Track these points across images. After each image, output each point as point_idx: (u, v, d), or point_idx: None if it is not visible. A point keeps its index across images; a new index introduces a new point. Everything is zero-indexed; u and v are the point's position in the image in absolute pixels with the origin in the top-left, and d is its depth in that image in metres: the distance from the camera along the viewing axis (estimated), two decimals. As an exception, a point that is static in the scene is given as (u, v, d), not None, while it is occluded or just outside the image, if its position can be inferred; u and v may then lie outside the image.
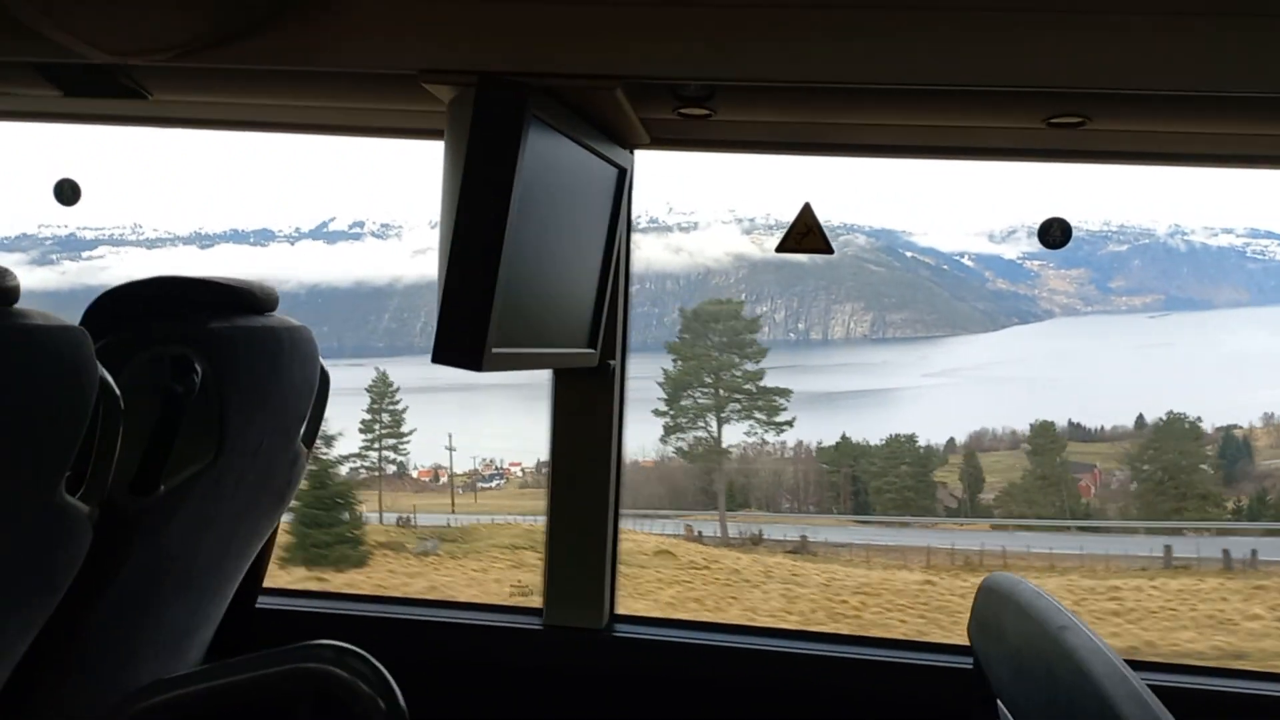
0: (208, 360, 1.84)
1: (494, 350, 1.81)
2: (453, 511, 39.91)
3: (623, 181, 2.36)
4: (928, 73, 1.70)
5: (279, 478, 2.22)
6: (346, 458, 40.73)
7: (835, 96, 1.96)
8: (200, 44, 1.80)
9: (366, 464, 41.62)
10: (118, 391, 1.72)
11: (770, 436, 42.78)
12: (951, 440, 53.55)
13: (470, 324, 1.77)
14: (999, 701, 1.71)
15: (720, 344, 40.11)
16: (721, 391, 39.40)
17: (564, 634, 2.80)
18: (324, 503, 22.95)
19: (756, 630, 2.99)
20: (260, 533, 2.44)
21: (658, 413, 40.64)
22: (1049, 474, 40.35)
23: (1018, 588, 1.75)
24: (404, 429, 43.44)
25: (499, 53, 1.76)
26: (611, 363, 2.67)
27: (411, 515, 35.07)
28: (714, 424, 40.21)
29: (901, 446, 43.31)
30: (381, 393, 44.08)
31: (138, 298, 2.02)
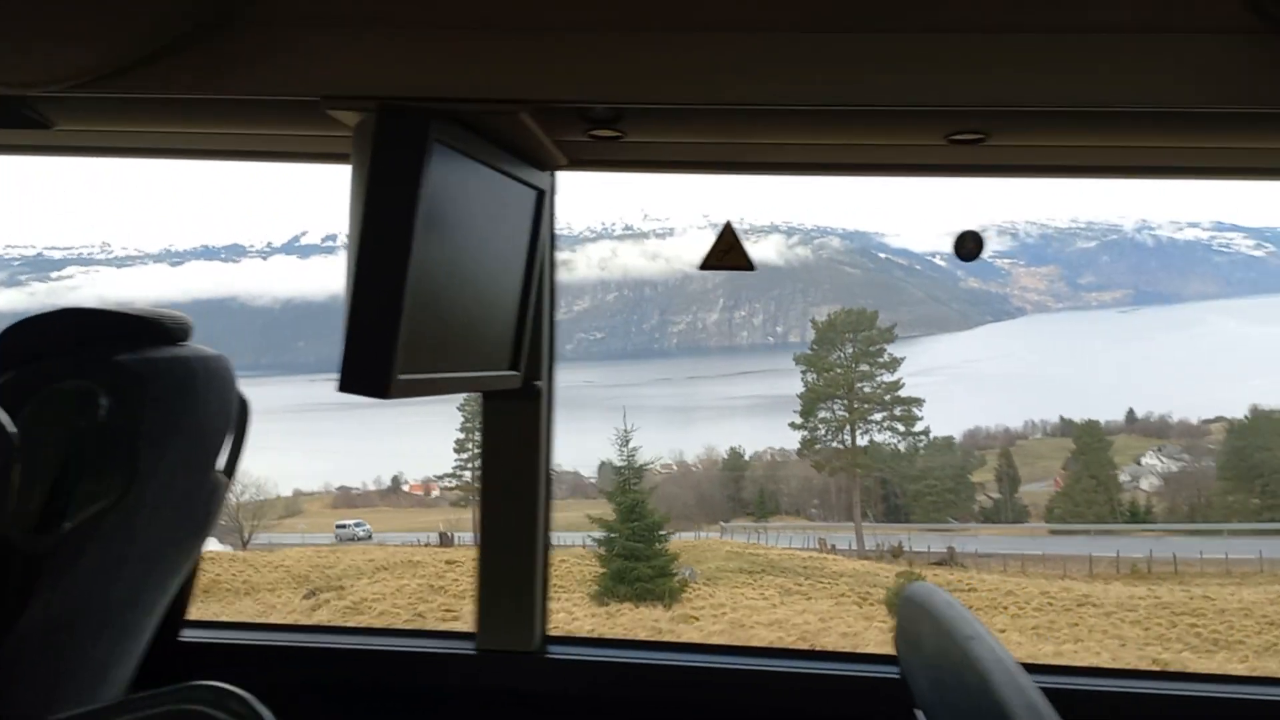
0: (114, 394, 1.83)
1: (401, 377, 1.79)
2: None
3: (541, 203, 2.37)
4: (831, 94, 1.74)
5: (198, 510, 2.19)
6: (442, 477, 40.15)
7: (744, 117, 1.99)
8: (101, 74, 1.81)
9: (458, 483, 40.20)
10: (12, 429, 1.70)
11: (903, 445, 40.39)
12: (950, 438, 53.74)
13: (375, 351, 1.74)
14: (919, 712, 1.74)
15: (854, 354, 39.33)
16: (857, 404, 38.40)
17: (497, 658, 2.76)
18: (642, 535, 20.98)
19: (689, 647, 2.98)
20: (180, 566, 2.40)
21: (794, 425, 38.76)
22: (1098, 474, 38.82)
23: (933, 598, 1.80)
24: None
25: (401, 78, 1.77)
26: (538, 383, 2.66)
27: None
28: (844, 435, 38.37)
29: (935, 448, 41.77)
30: (475, 411, 43.25)
31: (42, 332, 1.98)
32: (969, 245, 2.38)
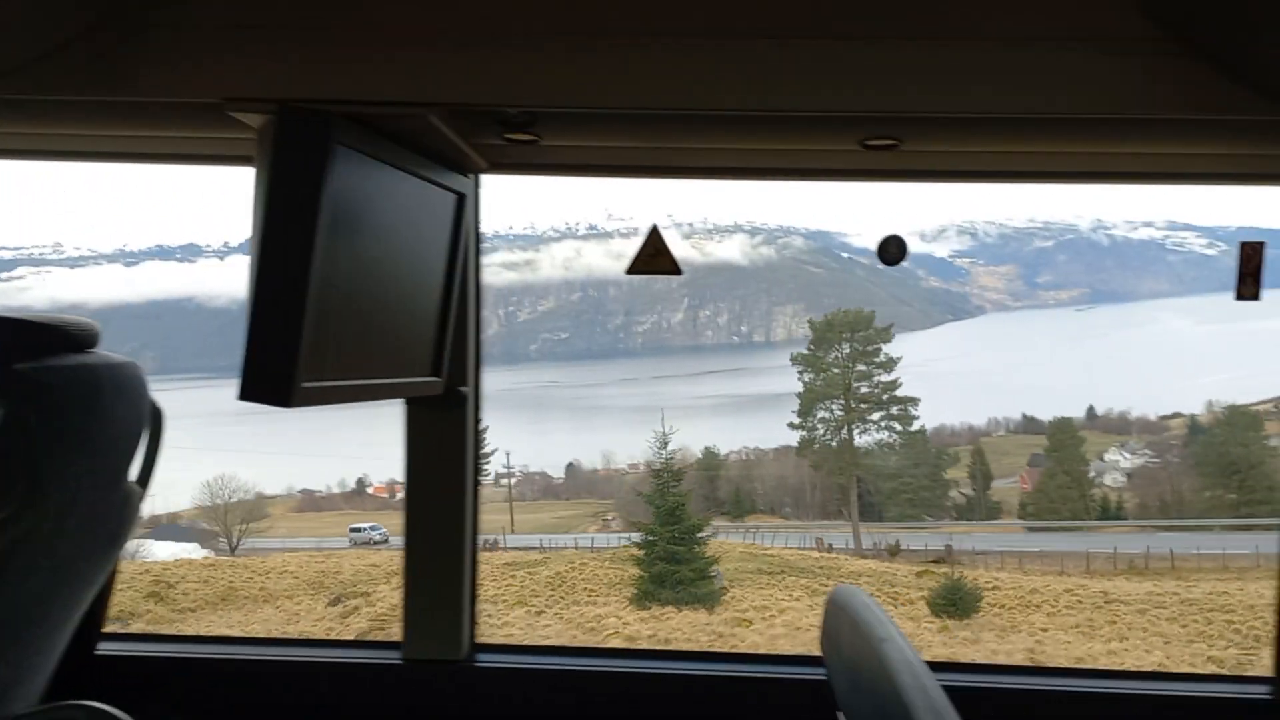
0: (10, 403, 1.77)
1: (305, 384, 1.73)
2: (511, 530, 37.66)
3: (462, 207, 2.35)
4: (747, 100, 1.76)
5: (109, 521, 2.11)
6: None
7: (662, 123, 2.00)
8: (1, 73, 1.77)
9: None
10: None
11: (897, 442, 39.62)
12: (923, 434, 53.99)
13: (276, 358, 1.69)
14: (840, 714, 1.77)
15: (851, 354, 38.83)
16: (855, 404, 37.89)
17: (424, 667, 2.72)
18: (682, 538, 20.49)
19: (618, 652, 2.98)
20: (92, 579, 2.32)
21: (792, 426, 38.22)
22: (1071, 471, 38.69)
23: (853, 600, 1.83)
24: (486, 448, 42.99)
25: (303, 81, 1.75)
26: (463, 389, 2.62)
27: (501, 537, 33.61)
28: (830, 434, 37.80)
29: (911, 446, 40.79)
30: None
31: None
32: (892, 250, 2.47)
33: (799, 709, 2.58)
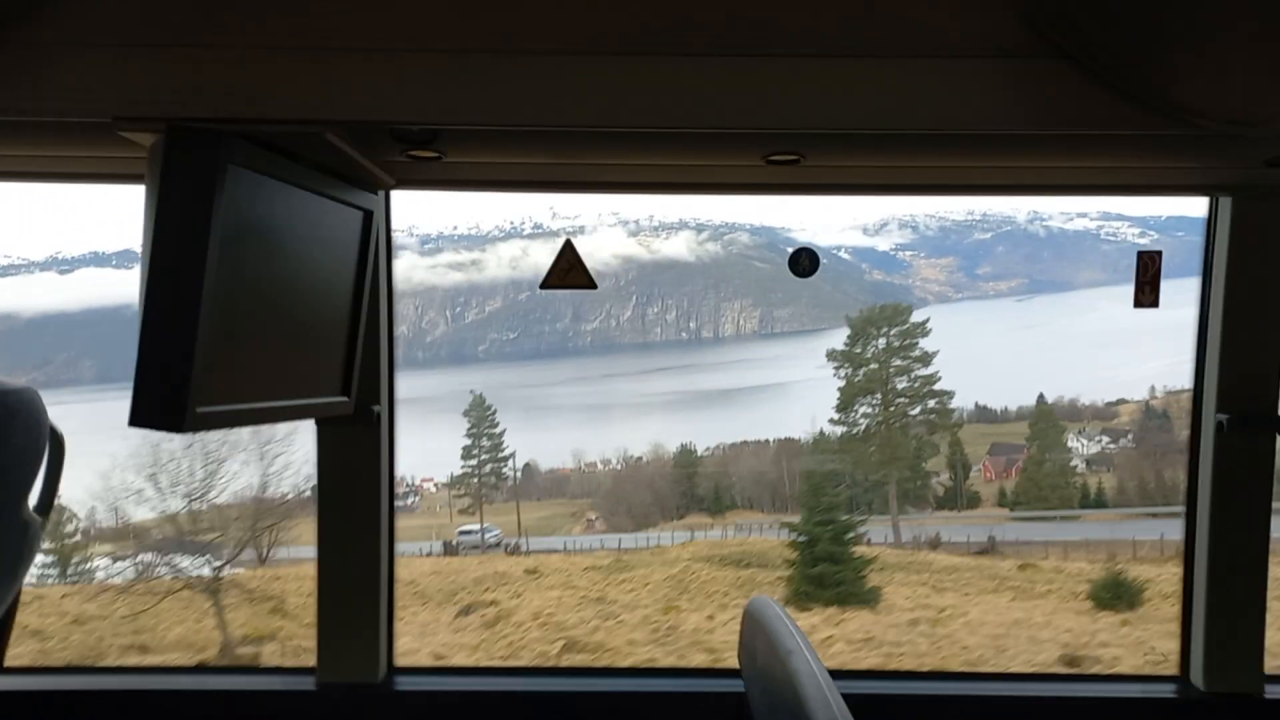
0: None
1: (201, 409, 1.71)
2: (519, 533, 36.42)
3: (370, 224, 2.33)
4: (649, 116, 1.78)
5: (7, 552, 2.07)
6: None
7: (566, 138, 2.00)
8: None
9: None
10: None
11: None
12: (866, 427, 54.52)
13: (168, 382, 1.63)
14: None
15: (888, 349, 38.84)
16: (894, 398, 38.11)
17: (339, 691, 2.69)
18: (840, 537, 20.11)
19: (538, 671, 2.98)
20: None
21: (833, 421, 38.06)
22: (1055, 459, 38.85)
23: (766, 611, 1.82)
24: (503, 452, 41.78)
25: (194, 99, 1.72)
26: (376, 408, 2.60)
27: (523, 540, 32.90)
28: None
29: (890, 439, 40.06)
30: (480, 417, 42.10)
31: None
32: (804, 262, 2.54)
33: None
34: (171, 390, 1.65)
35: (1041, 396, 58.75)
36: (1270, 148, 2.10)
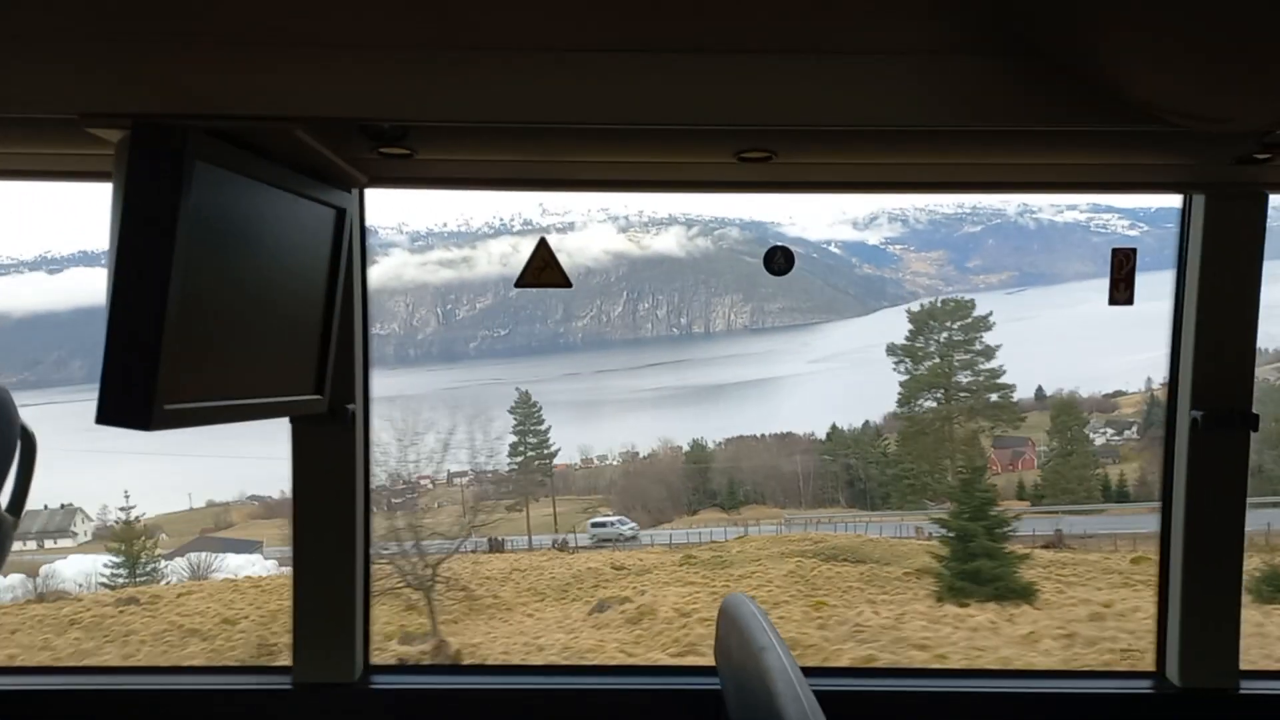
0: None
1: (168, 407, 1.71)
2: (557, 530, 36.21)
3: (342, 222, 2.32)
4: (621, 113, 1.78)
5: None
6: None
7: (538, 136, 2.00)
8: None
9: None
10: None
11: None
12: (867, 423, 52.93)
13: (134, 379, 1.63)
14: None
15: (949, 343, 38.41)
16: (955, 392, 37.81)
17: (316, 691, 2.69)
18: (993, 532, 19.95)
19: (516, 669, 2.99)
20: None
21: (896, 415, 37.97)
22: (1079, 451, 38.30)
23: (740, 609, 1.83)
24: (549, 448, 41.76)
25: (161, 95, 1.71)
26: (350, 406, 2.59)
27: (572, 536, 32.79)
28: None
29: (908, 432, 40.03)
30: (526, 414, 41.82)
31: None
32: (779, 260, 2.55)
33: (694, 719, 2.60)
34: (137, 388, 1.65)
35: (1040, 389, 58.72)
36: (1240, 146, 2.11)
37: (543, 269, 2.46)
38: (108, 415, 1.66)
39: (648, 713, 2.67)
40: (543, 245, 2.48)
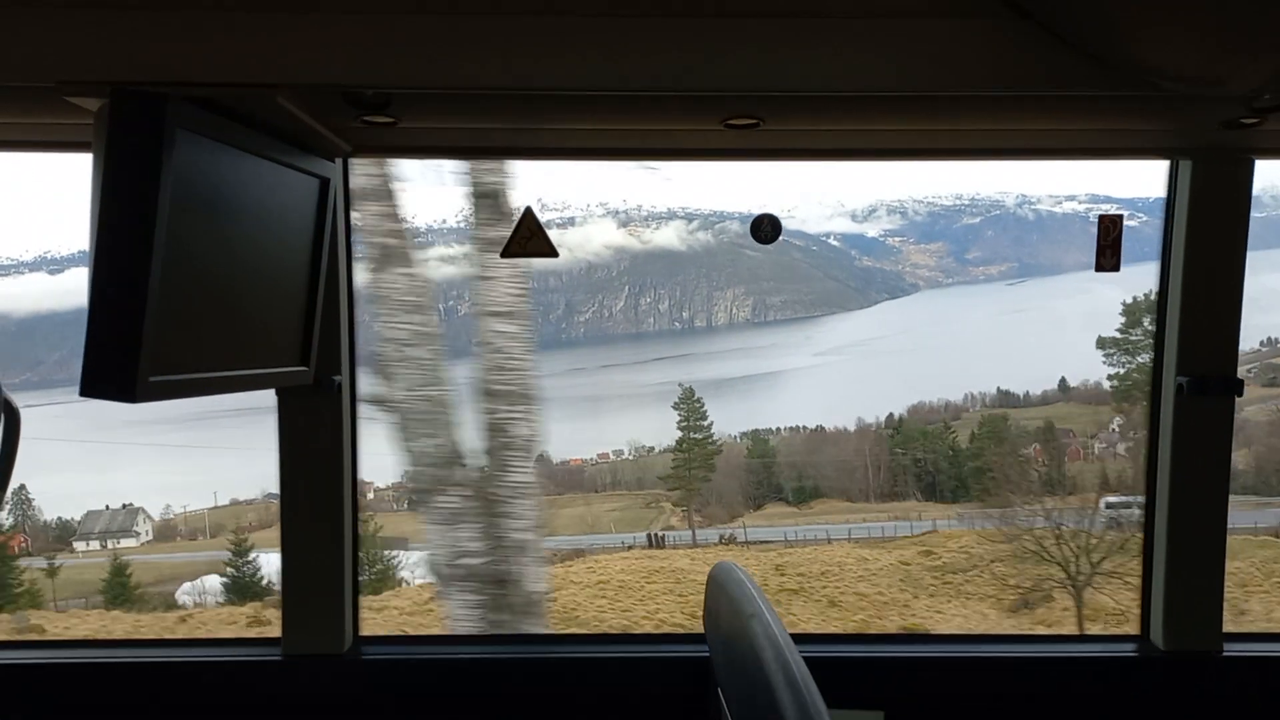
0: None
1: (153, 379, 1.69)
2: (687, 526, 35.27)
3: (326, 191, 2.31)
4: (606, 79, 1.75)
5: None
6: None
7: (522, 103, 1.97)
8: None
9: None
10: None
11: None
12: (891, 415, 51.84)
13: (118, 351, 1.62)
14: (720, 688, 1.81)
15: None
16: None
17: (305, 662, 2.67)
18: None
19: (502, 639, 2.98)
20: None
21: (1115, 410, 37.05)
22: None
23: (729, 576, 1.81)
24: (712, 444, 40.46)
25: (138, 61, 1.67)
26: (336, 378, 2.59)
27: (741, 530, 32.08)
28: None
29: (995, 423, 40.13)
30: (690, 410, 40.46)
31: None
32: (765, 228, 2.52)
33: (684, 686, 2.62)
34: (122, 359, 1.63)
35: (1064, 380, 58.23)
36: (1227, 110, 2.10)
37: (529, 238, 2.44)
38: (91, 387, 1.66)
39: (637, 681, 2.67)
40: (529, 214, 2.45)
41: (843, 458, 43.93)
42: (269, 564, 26.87)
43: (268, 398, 2.50)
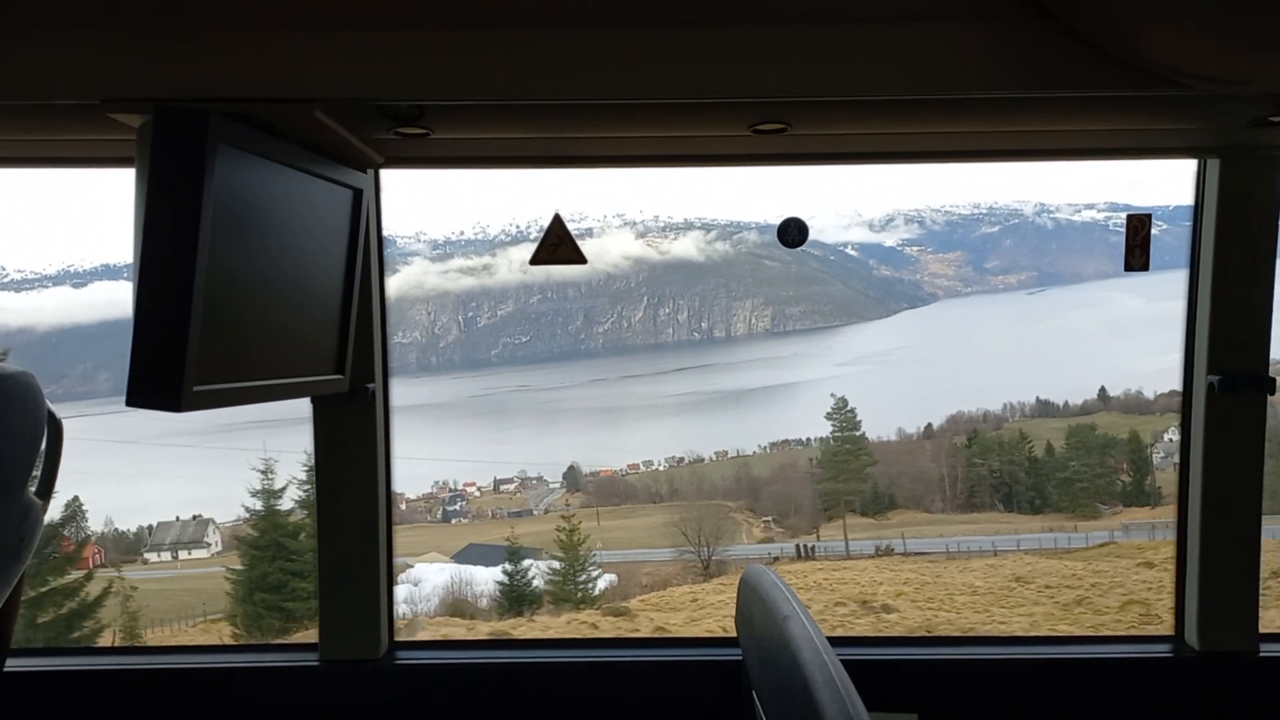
0: None
1: (197, 388, 1.71)
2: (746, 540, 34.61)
3: (359, 202, 2.34)
4: (635, 88, 1.76)
5: (7, 535, 2.12)
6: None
7: (553, 113, 1.98)
8: None
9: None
10: None
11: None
12: (929, 425, 51.42)
13: (164, 362, 1.66)
14: (754, 691, 1.80)
15: None
16: None
17: (342, 668, 2.71)
18: None
19: (536, 643, 2.97)
20: None
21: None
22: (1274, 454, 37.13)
23: (762, 580, 1.82)
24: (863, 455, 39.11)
25: (181, 79, 1.71)
26: (370, 386, 2.62)
27: (816, 543, 30.82)
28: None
29: (1084, 434, 39.00)
30: (843, 422, 39.34)
31: None
32: (792, 231, 2.53)
33: (717, 690, 2.61)
34: (168, 369, 1.65)
35: (1103, 389, 56.96)
36: (1255, 108, 2.09)
37: (557, 245, 2.45)
38: (138, 397, 1.68)
39: (670, 685, 2.67)
40: (557, 222, 2.46)
41: (919, 468, 42.66)
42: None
43: (287, 410, 2.52)
